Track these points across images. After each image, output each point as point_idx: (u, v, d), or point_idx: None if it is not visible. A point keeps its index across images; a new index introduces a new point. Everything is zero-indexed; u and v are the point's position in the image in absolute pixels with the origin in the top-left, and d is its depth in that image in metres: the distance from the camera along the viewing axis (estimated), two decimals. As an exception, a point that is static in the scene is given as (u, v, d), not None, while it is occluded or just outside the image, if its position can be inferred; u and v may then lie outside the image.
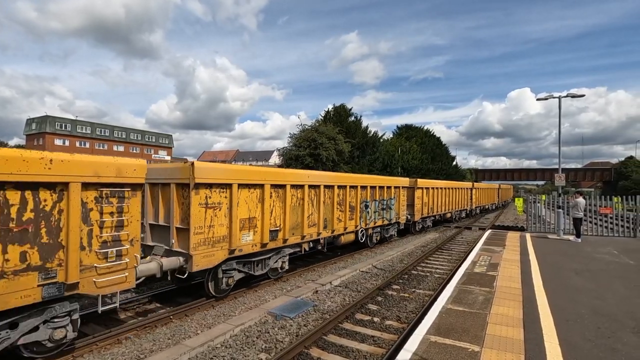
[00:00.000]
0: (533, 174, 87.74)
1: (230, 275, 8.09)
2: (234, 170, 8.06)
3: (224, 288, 8.08)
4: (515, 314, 6.19)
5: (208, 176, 7.38)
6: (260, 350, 5.82)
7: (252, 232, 8.46)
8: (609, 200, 17.34)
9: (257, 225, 8.58)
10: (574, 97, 17.33)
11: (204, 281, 7.92)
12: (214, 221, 7.56)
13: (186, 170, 7.19)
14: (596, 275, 8.91)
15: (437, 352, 4.78)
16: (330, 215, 11.43)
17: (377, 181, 14.69)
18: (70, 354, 5.51)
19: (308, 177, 10.39)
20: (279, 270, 9.70)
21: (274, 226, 9.05)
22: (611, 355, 4.72)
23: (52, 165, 4.86)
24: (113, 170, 5.56)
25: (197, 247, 7.20)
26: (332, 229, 11.48)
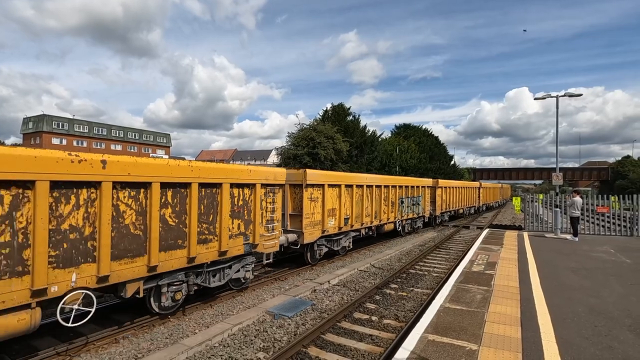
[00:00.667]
0: (531, 173, 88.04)
1: (320, 249, 11.56)
2: (325, 175, 11.67)
3: (317, 258, 11.66)
4: (513, 313, 6.21)
5: (312, 179, 10.89)
6: (259, 350, 5.81)
7: (334, 218, 11.98)
8: (606, 200, 17.42)
9: (336, 214, 12.07)
10: (572, 97, 17.40)
11: (304, 253, 11.34)
12: (314, 210, 11.08)
13: (300, 175, 10.74)
14: (593, 274, 8.95)
15: (435, 351, 4.79)
16: (379, 208, 14.91)
17: (409, 181, 18.15)
18: (67, 354, 5.49)
19: (366, 178, 14.12)
20: (346, 247, 13.13)
21: (345, 215, 12.49)
22: (608, 353, 4.75)
23: (251, 173, 8.11)
24: (273, 176, 8.80)
25: (306, 228, 10.74)
26: (379, 219, 14.98)
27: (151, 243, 6.02)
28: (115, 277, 5.57)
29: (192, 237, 6.71)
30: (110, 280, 5.50)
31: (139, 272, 5.92)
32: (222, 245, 7.36)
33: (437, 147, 54.45)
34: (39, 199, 4.70)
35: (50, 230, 4.85)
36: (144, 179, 5.90)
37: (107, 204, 5.39)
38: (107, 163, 5.37)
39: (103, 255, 5.35)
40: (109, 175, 5.41)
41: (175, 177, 6.39)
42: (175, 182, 6.44)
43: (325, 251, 11.64)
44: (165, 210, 6.31)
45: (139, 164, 5.83)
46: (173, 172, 6.35)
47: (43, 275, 4.73)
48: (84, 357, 5.50)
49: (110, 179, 5.42)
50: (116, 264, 5.58)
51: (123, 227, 5.67)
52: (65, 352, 5.50)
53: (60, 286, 4.96)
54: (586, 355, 4.68)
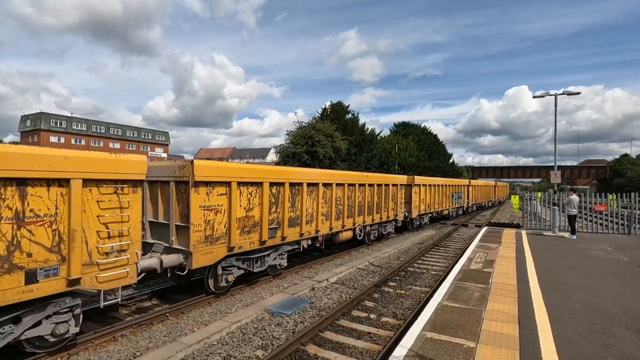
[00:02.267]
0: (529, 171, 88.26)
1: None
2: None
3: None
4: (511, 310, 6.23)
5: (417, 182, 15.08)
6: (257, 347, 5.82)
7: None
8: (604, 198, 17.46)
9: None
10: (570, 95, 17.41)
11: (407, 223, 15.76)
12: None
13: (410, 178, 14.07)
14: (591, 272, 8.98)
15: (433, 348, 4.81)
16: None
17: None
18: (66, 351, 5.49)
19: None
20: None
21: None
22: (605, 350, 4.77)
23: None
24: (405, 180, 14.49)
25: (414, 209, 13.86)
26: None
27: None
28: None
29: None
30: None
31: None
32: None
33: (435, 145, 54.50)
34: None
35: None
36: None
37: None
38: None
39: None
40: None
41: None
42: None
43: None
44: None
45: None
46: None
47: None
48: (82, 356, 5.49)
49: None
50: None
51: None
52: (63, 350, 5.49)
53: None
54: (583, 352, 4.70)
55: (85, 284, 5.28)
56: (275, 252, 9.40)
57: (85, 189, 5.24)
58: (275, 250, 9.40)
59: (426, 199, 21.09)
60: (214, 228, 7.54)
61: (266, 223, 8.77)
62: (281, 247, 9.61)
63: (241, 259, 8.40)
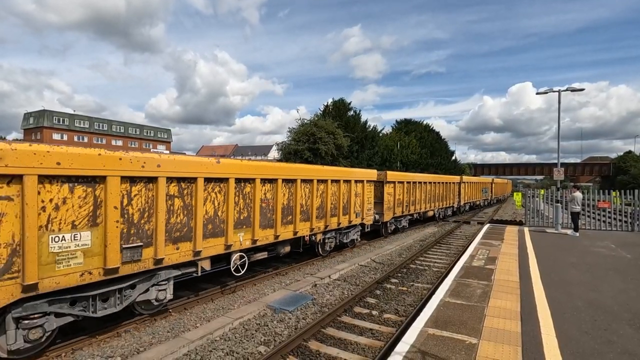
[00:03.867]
0: (532, 168, 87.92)
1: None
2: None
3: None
4: (513, 307, 6.23)
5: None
6: (259, 343, 5.85)
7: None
8: (607, 195, 17.38)
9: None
10: (574, 91, 17.30)
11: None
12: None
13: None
14: (593, 269, 8.96)
15: (435, 344, 4.82)
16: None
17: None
18: (70, 347, 5.54)
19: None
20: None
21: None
22: (607, 347, 4.76)
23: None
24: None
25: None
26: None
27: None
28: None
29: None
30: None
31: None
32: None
33: (438, 142, 54.35)
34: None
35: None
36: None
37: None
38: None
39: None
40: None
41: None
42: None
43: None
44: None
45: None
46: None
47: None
48: (86, 351, 5.54)
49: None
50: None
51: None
52: (67, 346, 5.54)
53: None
54: (585, 349, 4.70)
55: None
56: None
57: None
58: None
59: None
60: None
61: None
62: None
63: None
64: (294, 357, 5.47)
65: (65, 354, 5.43)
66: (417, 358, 4.47)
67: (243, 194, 7.96)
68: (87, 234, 5.23)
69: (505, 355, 4.53)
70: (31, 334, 4.86)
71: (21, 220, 4.59)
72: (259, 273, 9.81)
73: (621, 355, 4.54)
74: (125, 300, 5.91)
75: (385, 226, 16.48)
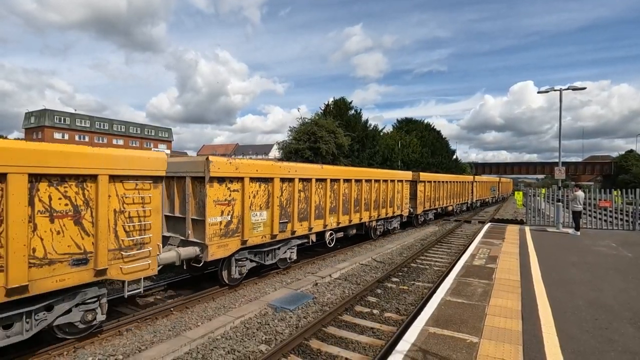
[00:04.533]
0: (533, 167, 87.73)
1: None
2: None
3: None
4: (514, 306, 6.23)
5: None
6: (260, 342, 5.86)
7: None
8: (609, 194, 17.35)
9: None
10: (576, 90, 17.23)
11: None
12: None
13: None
14: (594, 268, 8.95)
15: (436, 343, 4.82)
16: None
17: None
18: (72, 345, 5.55)
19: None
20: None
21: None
22: (608, 345, 4.76)
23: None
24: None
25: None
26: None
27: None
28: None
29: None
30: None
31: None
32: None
33: (439, 141, 54.28)
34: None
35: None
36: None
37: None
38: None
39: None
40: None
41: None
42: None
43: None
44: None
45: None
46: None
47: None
48: (88, 349, 5.56)
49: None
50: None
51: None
52: (70, 344, 5.55)
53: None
54: (586, 347, 4.70)
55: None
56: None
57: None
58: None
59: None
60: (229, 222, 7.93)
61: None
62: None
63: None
64: (295, 356, 5.49)
65: (67, 352, 5.45)
66: (418, 357, 4.47)
67: (332, 189, 11.52)
68: (265, 213, 8.77)
69: (506, 354, 4.54)
70: (241, 270, 8.37)
71: (242, 203, 8.10)
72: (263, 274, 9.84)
73: (622, 354, 4.54)
74: (275, 257, 9.40)
75: (417, 218, 19.88)
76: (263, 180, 8.72)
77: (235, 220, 8.01)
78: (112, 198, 5.55)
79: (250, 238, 8.35)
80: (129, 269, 5.79)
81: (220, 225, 7.65)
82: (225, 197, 7.74)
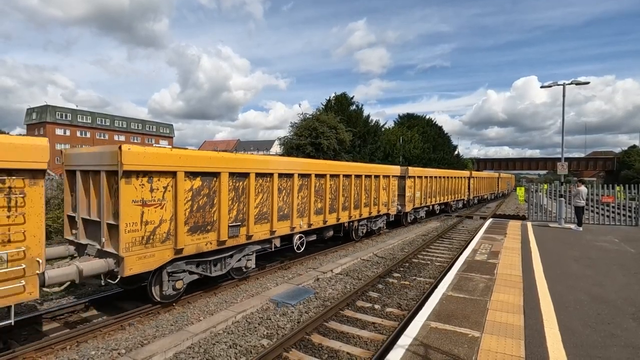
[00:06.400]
0: (535, 163, 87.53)
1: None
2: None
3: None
4: (516, 301, 6.22)
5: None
6: (262, 337, 5.88)
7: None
8: (611, 190, 17.28)
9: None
10: (579, 85, 17.11)
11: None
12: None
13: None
14: (596, 263, 8.93)
15: (438, 338, 4.82)
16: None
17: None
18: (75, 339, 5.58)
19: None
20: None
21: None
22: (610, 340, 4.75)
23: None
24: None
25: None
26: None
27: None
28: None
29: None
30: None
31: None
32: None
33: (440, 137, 54.18)
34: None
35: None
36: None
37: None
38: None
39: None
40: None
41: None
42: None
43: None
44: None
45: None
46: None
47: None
48: (90, 343, 5.58)
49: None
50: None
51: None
52: (72, 338, 5.58)
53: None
54: (589, 342, 4.70)
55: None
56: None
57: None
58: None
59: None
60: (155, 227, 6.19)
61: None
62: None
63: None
64: (296, 350, 5.50)
65: (70, 347, 5.48)
66: (419, 351, 4.47)
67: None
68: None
69: (508, 348, 4.53)
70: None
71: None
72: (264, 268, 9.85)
73: (624, 349, 4.53)
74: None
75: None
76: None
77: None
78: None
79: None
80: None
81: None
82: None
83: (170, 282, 6.74)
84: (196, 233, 6.90)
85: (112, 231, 6.01)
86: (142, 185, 5.97)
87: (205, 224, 7.09)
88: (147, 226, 6.04)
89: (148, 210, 6.05)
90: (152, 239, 6.13)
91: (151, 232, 6.11)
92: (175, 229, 6.46)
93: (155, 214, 6.16)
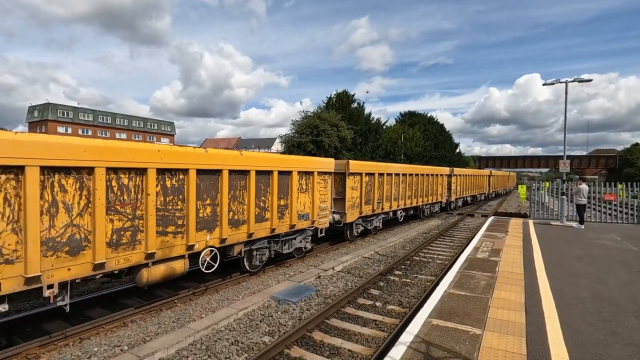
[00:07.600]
0: (537, 161, 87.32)
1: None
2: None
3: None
4: (517, 298, 6.22)
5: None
6: (264, 334, 5.90)
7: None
8: (613, 187, 17.23)
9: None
10: (582, 82, 17.02)
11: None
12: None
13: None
14: (598, 261, 8.91)
15: (439, 335, 4.83)
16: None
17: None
18: (77, 336, 5.61)
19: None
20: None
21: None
22: (612, 338, 4.75)
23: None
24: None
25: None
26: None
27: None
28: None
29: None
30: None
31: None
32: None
33: (442, 134, 54.09)
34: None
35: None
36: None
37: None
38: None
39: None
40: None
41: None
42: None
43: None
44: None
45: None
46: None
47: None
48: (93, 340, 5.61)
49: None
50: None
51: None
52: (75, 335, 5.61)
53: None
54: (590, 340, 4.69)
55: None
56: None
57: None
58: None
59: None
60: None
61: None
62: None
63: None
64: (298, 347, 5.52)
65: (73, 343, 5.51)
66: (421, 348, 4.48)
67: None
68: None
69: (509, 345, 4.54)
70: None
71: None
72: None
73: (626, 346, 4.53)
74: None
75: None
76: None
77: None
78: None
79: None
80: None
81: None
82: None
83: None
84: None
85: (338, 204, 12.34)
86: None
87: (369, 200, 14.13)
88: (354, 199, 12.64)
89: (352, 191, 12.78)
90: (353, 205, 12.56)
91: (353, 202, 12.55)
92: (360, 203, 13.16)
93: (357, 194, 13.01)
